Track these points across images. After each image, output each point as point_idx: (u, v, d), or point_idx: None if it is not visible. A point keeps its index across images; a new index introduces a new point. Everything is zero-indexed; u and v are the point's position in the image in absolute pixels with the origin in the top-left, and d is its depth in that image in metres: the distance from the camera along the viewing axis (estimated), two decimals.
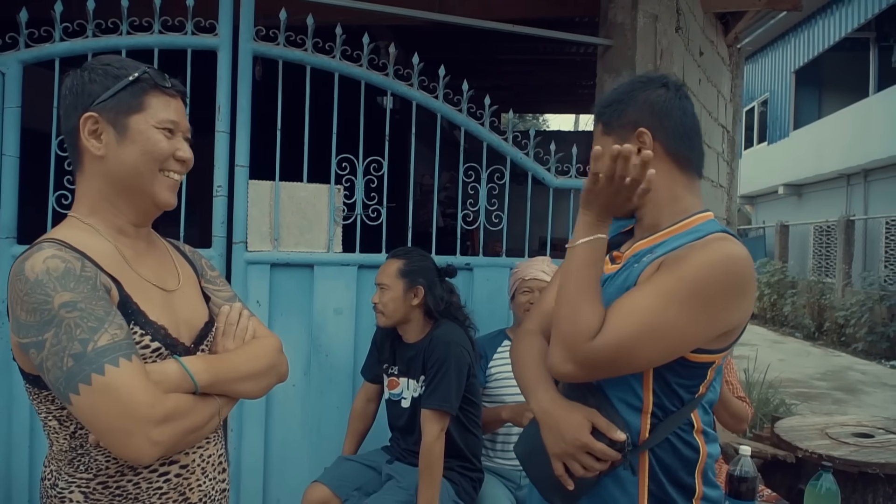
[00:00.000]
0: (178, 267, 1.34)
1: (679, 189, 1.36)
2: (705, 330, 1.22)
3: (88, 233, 1.19)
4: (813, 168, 14.16)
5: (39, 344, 1.05)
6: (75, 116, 1.18)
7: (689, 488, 1.32)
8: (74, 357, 1.04)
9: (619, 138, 1.34)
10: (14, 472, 2.60)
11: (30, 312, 1.06)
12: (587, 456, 1.24)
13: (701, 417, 1.33)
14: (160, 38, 2.67)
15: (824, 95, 15.48)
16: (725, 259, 1.21)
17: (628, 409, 1.28)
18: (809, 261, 14.37)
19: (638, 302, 1.21)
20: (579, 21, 5.38)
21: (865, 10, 12.30)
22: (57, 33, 2.60)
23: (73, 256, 1.10)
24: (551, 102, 11.07)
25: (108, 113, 1.18)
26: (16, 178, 2.61)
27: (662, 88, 1.36)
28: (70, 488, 1.16)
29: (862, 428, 3.45)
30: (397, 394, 2.51)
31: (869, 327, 10.61)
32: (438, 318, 2.48)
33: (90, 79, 1.19)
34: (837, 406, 7.21)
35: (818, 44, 14.25)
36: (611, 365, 1.22)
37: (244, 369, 1.25)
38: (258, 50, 2.78)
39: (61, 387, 1.05)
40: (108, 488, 1.16)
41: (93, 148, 1.18)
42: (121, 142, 1.19)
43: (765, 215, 17.86)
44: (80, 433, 1.15)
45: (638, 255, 1.35)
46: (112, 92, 1.18)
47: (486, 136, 3.06)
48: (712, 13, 4.67)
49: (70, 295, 1.06)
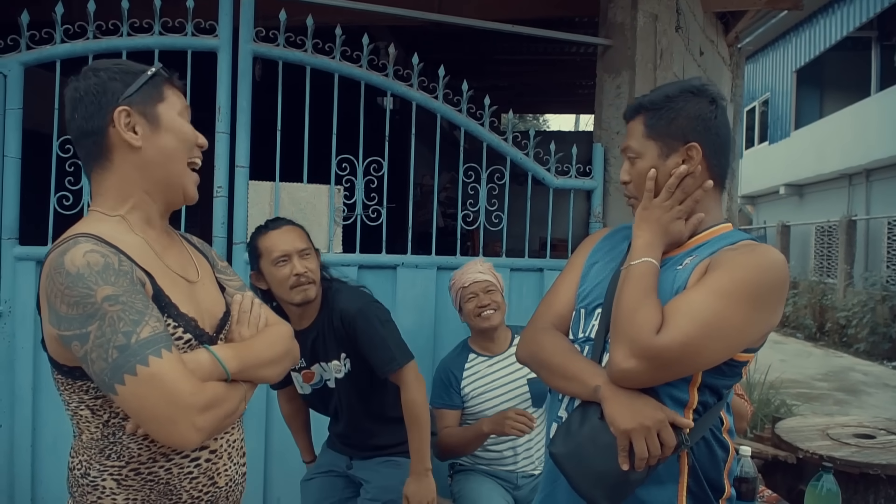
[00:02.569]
0: (194, 258, 1.38)
1: (710, 201, 1.39)
2: (757, 329, 1.26)
3: (117, 226, 1.22)
4: (814, 168, 14.15)
5: (83, 336, 1.08)
6: (102, 114, 1.21)
7: (720, 487, 1.33)
8: (119, 349, 1.07)
9: (665, 146, 1.36)
10: (16, 469, 2.61)
11: (72, 306, 1.08)
12: (657, 438, 1.22)
13: (728, 416, 1.36)
14: (160, 40, 2.68)
15: (826, 95, 15.46)
16: (774, 262, 1.26)
17: (674, 404, 1.28)
18: (811, 261, 14.35)
19: (697, 301, 1.22)
20: (579, 21, 5.39)
21: (867, 9, 12.29)
22: (58, 35, 2.61)
23: (110, 251, 1.13)
24: (551, 103, 11.08)
25: (138, 106, 1.22)
26: (17, 179, 2.62)
27: (712, 104, 1.37)
28: (102, 476, 1.19)
29: (863, 429, 3.44)
30: (318, 382, 2.31)
31: (871, 328, 10.59)
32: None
33: (109, 77, 1.22)
34: (839, 407, 7.20)
35: (819, 43, 14.24)
36: (676, 361, 1.21)
37: (266, 355, 1.31)
38: (258, 51, 2.78)
39: (106, 378, 1.08)
40: (140, 475, 1.20)
41: (131, 140, 1.21)
42: (155, 131, 1.24)
43: (766, 215, 17.84)
44: (113, 422, 1.19)
45: (676, 258, 1.36)
46: (137, 86, 1.23)
47: (486, 137, 3.06)
48: (712, 13, 4.67)
49: (111, 289, 1.09)
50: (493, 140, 3.08)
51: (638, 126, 1.39)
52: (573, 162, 3.22)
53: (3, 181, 2.60)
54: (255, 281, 2.21)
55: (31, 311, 2.59)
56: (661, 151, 1.35)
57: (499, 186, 3.10)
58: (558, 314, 1.49)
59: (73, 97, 1.23)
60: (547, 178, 3.19)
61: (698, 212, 1.37)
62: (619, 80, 3.30)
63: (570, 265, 1.56)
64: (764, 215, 18.05)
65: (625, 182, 1.43)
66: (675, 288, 1.29)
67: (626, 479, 1.25)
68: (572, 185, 3.24)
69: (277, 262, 2.11)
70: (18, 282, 2.59)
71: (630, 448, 1.23)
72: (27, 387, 2.60)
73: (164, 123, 1.25)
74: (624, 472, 1.24)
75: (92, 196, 1.27)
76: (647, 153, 1.37)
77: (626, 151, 1.42)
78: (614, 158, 3.25)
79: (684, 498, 1.29)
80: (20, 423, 2.61)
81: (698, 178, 1.34)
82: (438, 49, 5.41)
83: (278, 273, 2.11)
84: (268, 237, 2.15)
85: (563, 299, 1.51)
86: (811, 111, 15.41)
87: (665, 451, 1.23)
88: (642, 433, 1.22)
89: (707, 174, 1.36)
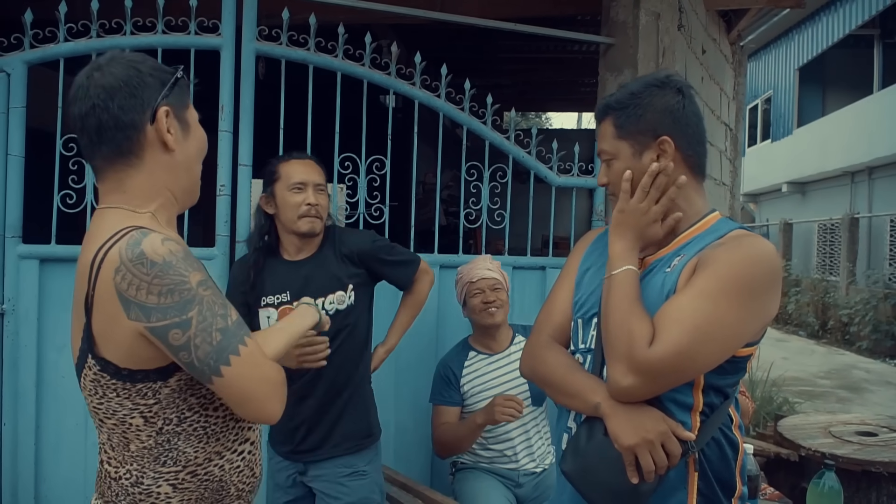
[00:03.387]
0: None
1: (692, 193, 1.38)
2: (753, 324, 1.25)
3: (151, 222, 1.19)
4: (817, 166, 14.14)
5: (185, 323, 1.08)
6: (140, 109, 1.17)
7: (731, 486, 1.32)
8: (222, 331, 1.10)
9: (637, 143, 1.35)
10: (20, 468, 2.61)
11: (165, 294, 1.07)
12: (661, 450, 1.22)
13: (737, 412, 1.35)
14: (163, 38, 2.68)
15: (828, 93, 15.44)
16: (761, 253, 1.24)
17: (679, 409, 1.28)
18: (813, 259, 14.35)
19: (686, 306, 1.20)
20: (581, 19, 5.39)
21: (869, 7, 12.27)
22: (61, 34, 2.61)
23: (179, 238, 1.16)
24: (554, 101, 11.05)
25: (173, 108, 1.21)
26: (21, 177, 2.62)
27: (678, 94, 1.36)
28: (158, 482, 1.18)
29: (866, 426, 3.44)
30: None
31: (873, 325, 10.59)
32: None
33: (147, 71, 1.19)
34: (841, 404, 7.20)
35: (822, 41, 14.22)
36: (672, 371, 1.20)
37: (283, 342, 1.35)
38: (261, 49, 2.79)
39: (211, 361, 1.09)
40: (197, 476, 1.21)
41: (169, 141, 1.20)
42: (185, 135, 1.25)
43: (768, 213, 17.83)
44: (167, 429, 1.17)
45: (664, 259, 1.35)
46: (169, 87, 1.21)
47: (489, 135, 3.07)
48: (714, 11, 4.66)
49: (200, 274, 1.12)
50: (495, 138, 3.08)
51: (608, 127, 1.39)
52: (576, 160, 3.22)
53: (6, 179, 2.60)
54: (264, 204, 2.24)
55: (35, 310, 2.60)
56: (634, 150, 1.35)
57: (501, 185, 3.10)
58: (557, 325, 1.49)
59: (111, 84, 1.15)
60: (549, 177, 3.19)
61: (680, 207, 1.36)
62: (622, 79, 3.30)
63: (565, 271, 1.56)
64: (766, 213, 18.04)
65: (603, 184, 1.43)
66: (665, 292, 1.28)
67: (637, 491, 1.25)
68: (575, 183, 3.24)
69: (293, 188, 2.17)
70: (22, 280, 2.60)
71: (637, 461, 1.23)
72: (31, 385, 2.60)
73: (191, 129, 1.26)
74: (634, 484, 1.24)
75: (107, 191, 1.20)
76: (621, 153, 1.36)
77: (601, 154, 1.42)
78: None
79: (695, 499, 1.29)
80: (23, 422, 2.61)
81: (674, 172, 1.33)
82: (440, 47, 5.41)
83: (292, 199, 2.17)
84: (290, 164, 2.23)
85: (560, 308, 1.51)
86: (814, 109, 15.39)
87: (672, 461, 1.23)
88: (646, 447, 1.22)
89: (683, 165, 1.35)
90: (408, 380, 2.99)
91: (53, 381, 2.62)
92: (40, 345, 2.61)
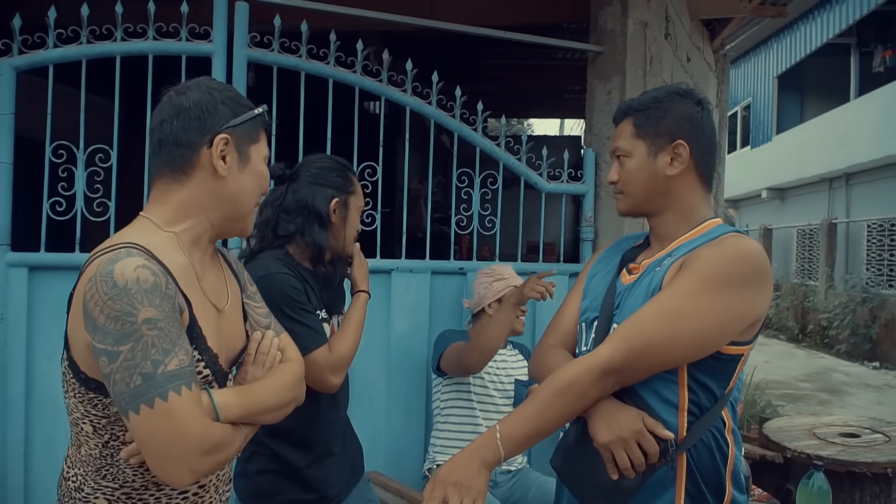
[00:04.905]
0: (227, 281, 1.35)
1: (697, 200, 1.43)
2: (734, 319, 1.27)
3: (168, 242, 1.19)
4: (795, 172, 14.32)
5: (113, 355, 1.06)
6: (201, 132, 1.21)
7: (721, 490, 1.34)
8: (144, 377, 1.05)
9: (653, 144, 1.40)
10: (10, 477, 2.58)
11: (110, 319, 1.06)
12: (637, 447, 1.26)
13: (731, 416, 1.37)
14: (155, 45, 2.67)
15: (806, 100, 15.67)
16: (742, 251, 1.28)
17: (665, 406, 1.31)
18: (793, 264, 14.52)
19: (663, 303, 1.26)
20: (567, 27, 5.43)
21: (846, 16, 12.48)
22: (51, 39, 2.60)
23: (160, 270, 1.11)
24: (536, 107, 11.12)
25: (236, 138, 1.25)
26: (10, 184, 2.60)
27: (698, 105, 1.42)
28: (96, 494, 1.18)
29: (848, 428, 3.50)
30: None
31: (851, 329, 10.75)
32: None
33: (221, 100, 1.24)
34: (822, 407, 7.30)
35: (800, 49, 14.43)
36: (639, 353, 1.25)
37: (270, 403, 1.27)
38: (253, 56, 2.79)
39: (123, 402, 1.06)
40: (132, 499, 1.19)
41: (220, 168, 1.22)
42: (242, 169, 1.26)
43: (748, 219, 18.03)
44: (112, 444, 1.17)
45: (658, 261, 1.40)
46: (242, 119, 1.25)
47: (480, 142, 3.09)
48: (699, 19, 4.73)
49: (153, 312, 1.07)
50: (486, 145, 3.10)
51: (627, 127, 1.44)
52: (565, 167, 3.25)
53: None
54: (336, 209, 1.91)
55: (24, 318, 2.57)
56: (650, 150, 1.40)
57: (491, 191, 3.12)
58: (564, 330, 1.55)
59: (182, 105, 1.22)
60: (539, 183, 3.22)
61: (686, 213, 1.42)
62: (610, 87, 3.34)
63: (577, 281, 1.62)
64: (746, 219, 18.23)
65: (613, 182, 1.48)
66: (650, 289, 1.33)
67: (619, 488, 1.28)
68: (564, 189, 3.27)
69: (360, 211, 2.02)
70: (10, 288, 2.57)
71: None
72: (20, 394, 2.57)
73: (252, 165, 1.28)
74: (615, 480, 1.28)
75: (151, 201, 1.24)
76: (636, 152, 1.42)
77: (615, 152, 1.47)
78: (605, 163, 3.29)
79: (682, 501, 1.31)
80: (12, 431, 2.58)
81: (685, 176, 1.40)
82: (427, 54, 5.43)
83: (356, 222, 2.00)
84: (358, 182, 2.01)
85: (567, 314, 1.57)
86: (792, 116, 15.61)
87: (650, 459, 1.26)
88: (621, 445, 1.26)
89: (694, 173, 1.41)
90: (399, 386, 3.00)
91: (43, 391, 2.59)
92: (29, 354, 2.58)
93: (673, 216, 1.42)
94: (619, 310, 1.40)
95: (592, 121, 3.42)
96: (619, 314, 1.39)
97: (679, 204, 1.42)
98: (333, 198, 1.89)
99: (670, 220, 1.43)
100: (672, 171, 1.39)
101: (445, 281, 3.07)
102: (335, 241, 1.92)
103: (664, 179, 1.40)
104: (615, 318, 1.40)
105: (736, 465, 1.37)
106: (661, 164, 1.39)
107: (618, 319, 1.39)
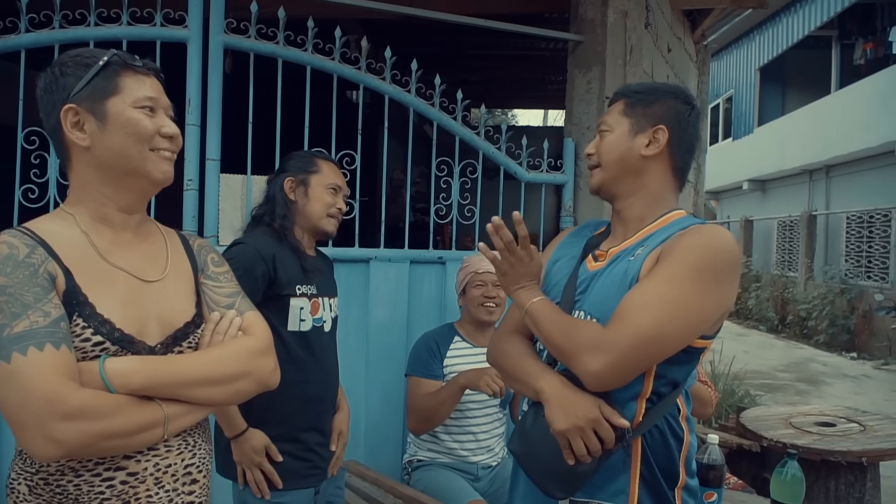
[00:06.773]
0: (169, 258, 1.30)
1: (667, 190, 1.45)
2: (714, 310, 1.29)
3: (63, 221, 1.19)
4: (776, 164, 14.43)
5: None
6: (55, 113, 1.18)
7: (674, 475, 1.36)
8: None
9: (637, 124, 1.43)
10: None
11: None
12: (593, 435, 1.26)
13: (686, 404, 1.39)
14: (129, 30, 2.63)
15: (788, 92, 15.77)
16: (723, 241, 1.29)
17: (626, 394, 1.32)
18: (773, 255, 14.66)
19: (651, 292, 1.25)
20: (548, 17, 5.42)
21: (828, 9, 12.54)
22: (23, 24, 2.55)
23: (23, 243, 1.10)
24: (520, 98, 11.10)
25: (86, 102, 1.17)
26: None
27: (689, 106, 1.46)
28: (18, 480, 1.15)
29: (824, 417, 3.54)
30: (318, 320, 2.09)
31: (830, 320, 10.88)
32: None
33: (62, 72, 1.18)
34: (800, 397, 7.39)
35: (782, 41, 14.51)
36: (640, 352, 1.24)
37: (197, 374, 1.17)
38: (229, 43, 2.75)
39: None
40: (49, 485, 1.13)
41: (78, 140, 1.18)
42: (103, 128, 1.18)
43: (730, 210, 18.16)
44: None
45: (628, 249, 1.40)
46: (86, 80, 1.17)
47: (459, 131, 3.07)
48: (679, 10, 4.73)
49: (3, 279, 1.05)
50: (465, 134, 3.09)
51: (619, 105, 1.48)
52: (545, 157, 3.25)
53: None
54: (290, 189, 2.09)
55: None
56: (632, 128, 1.43)
57: (471, 180, 3.11)
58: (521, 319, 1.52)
59: (38, 94, 1.20)
60: (519, 173, 3.21)
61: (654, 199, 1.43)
62: (590, 76, 3.33)
63: None
64: (728, 210, 18.37)
65: (589, 154, 1.51)
66: (628, 280, 1.33)
67: (574, 472, 1.30)
68: (543, 179, 3.27)
69: (330, 188, 2.12)
70: None
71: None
72: None
73: (113, 119, 1.18)
74: (571, 466, 1.29)
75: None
76: (618, 128, 1.45)
77: (599, 126, 1.50)
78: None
79: (637, 485, 1.33)
80: None
81: (658, 162, 1.42)
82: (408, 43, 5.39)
83: (326, 198, 2.11)
84: (329, 164, 2.18)
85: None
86: (774, 108, 15.71)
87: (606, 445, 1.27)
88: (577, 433, 1.27)
89: (668, 162, 1.43)
90: (378, 375, 2.99)
91: None
92: None
93: (640, 200, 1.44)
94: (584, 295, 1.40)
95: (572, 110, 3.41)
96: (585, 300, 1.40)
97: (648, 189, 1.43)
98: (287, 178, 2.09)
99: (637, 203, 1.44)
100: (647, 153, 1.41)
101: (424, 270, 3.06)
102: (302, 217, 2.09)
103: (638, 159, 1.42)
104: (578, 304, 1.40)
105: (690, 451, 1.39)
106: (639, 144, 1.42)
107: (583, 305, 1.39)
